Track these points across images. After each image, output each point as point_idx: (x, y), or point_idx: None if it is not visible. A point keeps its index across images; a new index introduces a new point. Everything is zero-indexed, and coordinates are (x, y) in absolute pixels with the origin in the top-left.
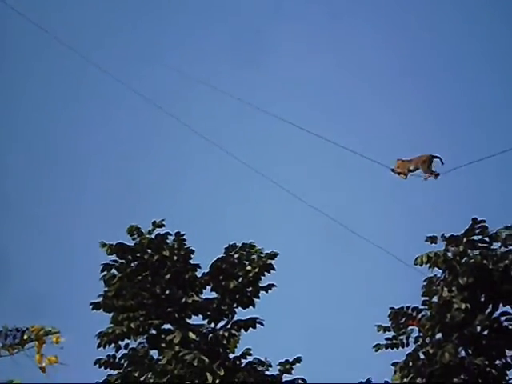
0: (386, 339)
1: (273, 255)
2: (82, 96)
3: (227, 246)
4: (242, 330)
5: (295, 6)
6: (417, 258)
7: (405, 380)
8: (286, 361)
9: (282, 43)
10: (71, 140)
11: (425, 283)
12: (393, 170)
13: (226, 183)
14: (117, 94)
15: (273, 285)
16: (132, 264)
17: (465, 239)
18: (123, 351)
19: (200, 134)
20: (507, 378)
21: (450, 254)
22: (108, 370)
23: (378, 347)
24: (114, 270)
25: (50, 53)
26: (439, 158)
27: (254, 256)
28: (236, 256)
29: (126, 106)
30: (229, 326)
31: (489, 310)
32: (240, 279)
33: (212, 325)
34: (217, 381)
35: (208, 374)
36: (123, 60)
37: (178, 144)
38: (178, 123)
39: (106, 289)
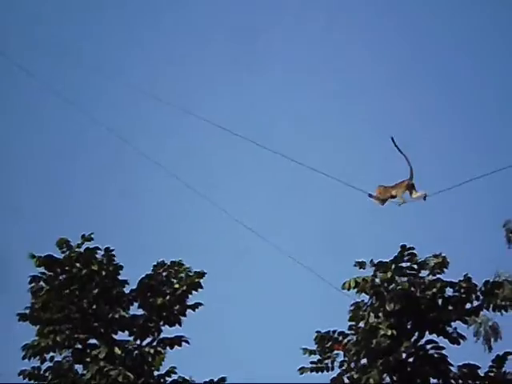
0: (311, 362)
1: (201, 274)
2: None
3: (155, 263)
4: (168, 348)
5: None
6: (345, 282)
7: None
8: (211, 380)
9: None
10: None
11: (352, 308)
12: (371, 196)
13: (161, 199)
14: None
15: (200, 303)
16: (60, 277)
17: (393, 266)
18: (48, 364)
19: (134, 146)
20: None
21: (377, 280)
22: (32, 381)
23: (302, 370)
24: (42, 283)
25: None
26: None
27: (182, 274)
28: (164, 274)
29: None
30: (154, 343)
31: (415, 338)
32: (167, 297)
33: (138, 341)
34: None
35: None
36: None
37: (109, 156)
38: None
39: (33, 301)
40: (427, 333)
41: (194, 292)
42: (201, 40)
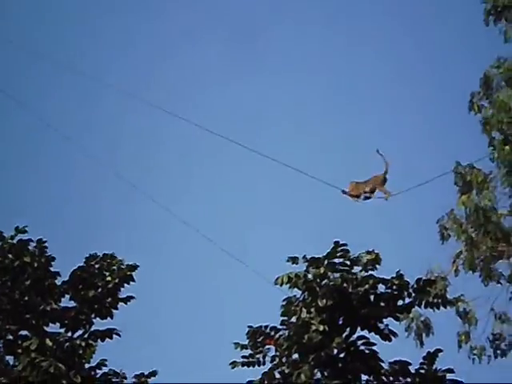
0: (243, 357)
1: (133, 267)
2: None
3: (88, 255)
4: (99, 341)
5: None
6: (277, 277)
7: None
8: (142, 373)
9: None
10: None
11: (284, 303)
12: (344, 192)
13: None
14: None
15: (132, 297)
16: None
17: (326, 261)
18: None
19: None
20: None
21: (310, 276)
22: None
23: (234, 364)
24: None
25: None
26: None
27: (115, 267)
28: (96, 266)
29: None
30: (86, 335)
31: (346, 334)
32: (99, 289)
33: (69, 333)
34: None
35: (64, 381)
36: None
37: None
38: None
39: None
40: (359, 329)
41: (126, 285)
42: None
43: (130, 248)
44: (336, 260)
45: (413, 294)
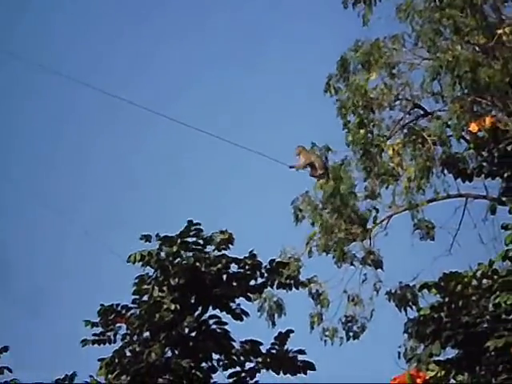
0: (94, 335)
1: None
2: None
3: None
4: None
5: None
6: (130, 255)
7: (109, 376)
8: None
9: None
10: None
11: (136, 281)
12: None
13: None
14: None
15: None
16: None
17: (179, 240)
18: None
19: None
20: (212, 380)
21: (163, 254)
22: None
23: (85, 342)
24: None
25: None
26: None
27: None
28: None
29: None
30: None
31: (198, 313)
32: None
33: None
34: None
35: None
36: None
37: None
38: None
39: None
40: (211, 308)
41: None
42: None
43: None
44: (189, 239)
45: (265, 275)
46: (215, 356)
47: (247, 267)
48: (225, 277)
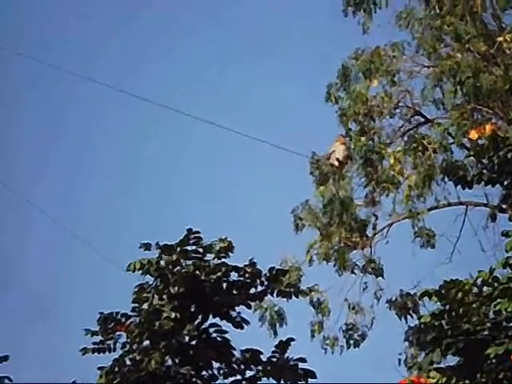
0: (94, 343)
1: None
2: None
3: None
4: None
5: None
6: (130, 264)
7: None
8: None
9: None
10: None
11: (136, 289)
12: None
13: None
14: None
15: None
16: None
17: (178, 249)
18: None
19: None
20: None
21: (162, 263)
22: None
23: (84, 351)
24: None
25: None
26: None
27: None
28: None
29: None
30: None
31: (198, 321)
32: None
33: None
34: None
35: None
36: None
37: None
38: None
39: None
40: (211, 316)
41: None
42: None
43: None
44: (189, 247)
45: (265, 283)
46: (215, 364)
47: (247, 275)
48: (225, 285)
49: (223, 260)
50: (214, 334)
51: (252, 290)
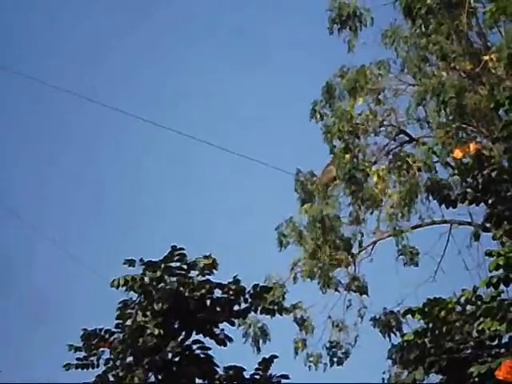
0: (77, 359)
1: None
2: None
3: None
4: None
5: None
6: (113, 280)
7: None
8: None
9: None
10: None
11: (120, 306)
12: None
13: None
14: None
15: None
16: None
17: (163, 265)
18: None
19: None
20: None
21: (146, 279)
22: None
23: (68, 366)
24: None
25: None
26: None
27: None
28: None
29: None
30: None
31: (181, 338)
32: None
33: None
34: None
35: None
36: None
37: None
38: None
39: None
40: (194, 333)
41: None
42: None
43: None
44: (173, 264)
45: (249, 300)
46: (198, 381)
47: (231, 292)
48: (208, 302)
49: (207, 277)
50: (198, 351)
51: (236, 307)
